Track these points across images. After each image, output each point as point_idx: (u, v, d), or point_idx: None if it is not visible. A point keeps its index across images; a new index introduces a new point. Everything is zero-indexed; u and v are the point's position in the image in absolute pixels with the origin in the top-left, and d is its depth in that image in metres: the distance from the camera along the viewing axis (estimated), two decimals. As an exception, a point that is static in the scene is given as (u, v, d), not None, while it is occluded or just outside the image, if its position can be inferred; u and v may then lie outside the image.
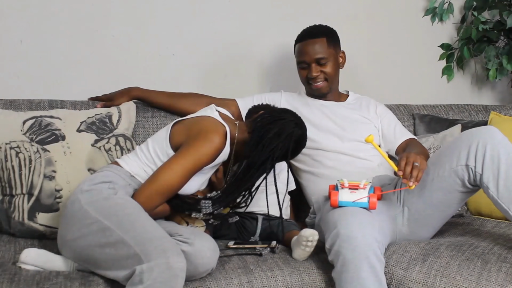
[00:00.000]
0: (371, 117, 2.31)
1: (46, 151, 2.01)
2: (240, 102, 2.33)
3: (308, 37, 2.27)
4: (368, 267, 1.64)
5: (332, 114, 2.28)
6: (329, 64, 2.26)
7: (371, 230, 1.69)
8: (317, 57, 2.24)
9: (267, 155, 1.81)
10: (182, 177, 1.76)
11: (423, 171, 1.78)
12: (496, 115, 2.58)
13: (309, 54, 2.25)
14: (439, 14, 2.99)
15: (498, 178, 1.76)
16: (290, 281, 1.75)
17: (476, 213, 2.38)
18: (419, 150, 2.10)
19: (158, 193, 1.75)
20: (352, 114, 2.31)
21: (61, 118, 2.09)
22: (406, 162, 1.78)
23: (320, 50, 2.25)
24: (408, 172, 1.76)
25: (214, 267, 1.67)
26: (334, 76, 2.30)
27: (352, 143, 2.21)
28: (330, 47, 2.27)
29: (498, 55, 2.91)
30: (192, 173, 1.78)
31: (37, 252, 1.72)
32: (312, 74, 2.25)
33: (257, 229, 2.04)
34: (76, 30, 2.39)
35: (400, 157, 1.83)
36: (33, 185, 1.98)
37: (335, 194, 1.82)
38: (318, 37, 2.26)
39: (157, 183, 1.75)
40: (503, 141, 1.80)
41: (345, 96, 2.40)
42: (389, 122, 2.32)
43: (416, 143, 2.21)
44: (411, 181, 1.76)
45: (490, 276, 1.66)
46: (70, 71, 2.40)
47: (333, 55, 2.28)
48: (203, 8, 2.59)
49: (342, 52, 2.35)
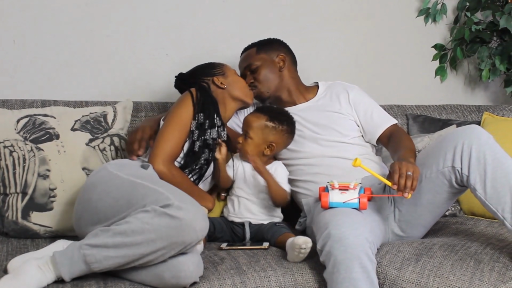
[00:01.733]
0: (343, 110, 2.22)
1: (40, 150, 2.01)
2: None
3: (242, 53, 2.35)
4: (359, 267, 1.64)
5: (303, 120, 2.21)
6: (260, 69, 2.24)
7: (362, 231, 1.69)
8: (245, 65, 2.28)
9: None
10: (173, 135, 1.94)
11: (417, 179, 1.78)
12: (489, 116, 2.59)
13: (240, 65, 2.32)
14: (432, 14, 3.00)
15: (485, 179, 1.75)
16: (283, 281, 1.75)
17: (469, 213, 2.39)
18: (405, 146, 2.02)
19: (163, 160, 1.91)
20: (323, 114, 2.22)
21: (55, 116, 2.08)
22: (400, 174, 1.76)
23: (248, 58, 2.29)
24: (402, 185, 1.75)
25: (202, 244, 1.72)
26: (268, 80, 2.25)
27: (332, 145, 2.15)
28: (260, 53, 2.27)
29: (491, 56, 2.92)
30: (180, 128, 1.96)
31: (22, 259, 1.64)
32: (246, 81, 2.24)
33: (246, 234, 2.04)
34: (70, 30, 2.39)
35: (392, 169, 1.80)
36: (27, 184, 1.98)
37: (326, 196, 1.81)
38: (247, 49, 2.33)
39: (158, 149, 1.91)
40: (488, 141, 1.79)
41: (314, 91, 2.32)
42: (365, 109, 2.21)
43: (400, 136, 2.10)
44: (406, 191, 1.76)
45: (483, 276, 1.66)
46: (63, 71, 2.39)
47: (263, 59, 2.26)
48: (199, 8, 2.59)
49: (280, 55, 2.28)
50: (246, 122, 2.10)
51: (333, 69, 2.83)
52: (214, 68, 2.19)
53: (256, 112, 2.12)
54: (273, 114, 2.09)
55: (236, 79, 2.19)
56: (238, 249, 1.91)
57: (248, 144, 2.07)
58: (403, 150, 1.98)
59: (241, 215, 2.07)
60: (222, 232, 2.06)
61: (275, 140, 2.08)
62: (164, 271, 1.57)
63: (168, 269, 1.57)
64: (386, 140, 2.15)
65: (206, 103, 2.02)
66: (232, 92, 2.16)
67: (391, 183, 1.78)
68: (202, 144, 1.98)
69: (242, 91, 2.18)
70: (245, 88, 2.20)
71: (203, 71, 2.19)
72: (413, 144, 2.05)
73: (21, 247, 1.87)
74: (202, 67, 2.21)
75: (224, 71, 2.18)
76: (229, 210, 2.10)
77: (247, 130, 2.08)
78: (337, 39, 2.86)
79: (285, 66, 2.28)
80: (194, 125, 1.98)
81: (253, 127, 2.07)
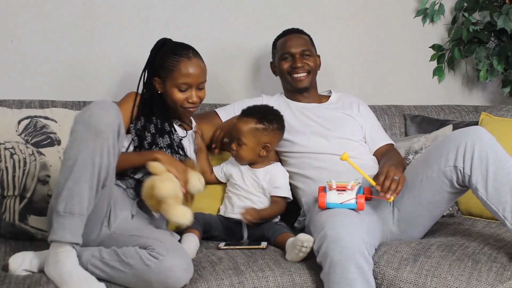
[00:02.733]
0: (354, 115, 2.32)
1: (42, 155, 2.00)
2: (221, 112, 2.33)
3: (293, 32, 2.36)
4: (355, 268, 1.64)
5: (314, 116, 2.29)
6: (312, 59, 2.32)
7: (358, 231, 1.69)
8: (303, 48, 2.31)
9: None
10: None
11: (402, 184, 1.83)
12: (487, 116, 2.59)
13: (295, 45, 2.31)
14: (430, 15, 3.00)
15: (487, 179, 1.76)
16: (281, 281, 1.75)
17: (466, 213, 2.39)
18: (397, 160, 2.11)
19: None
20: (335, 113, 2.31)
21: (57, 120, 2.08)
22: (386, 176, 1.83)
23: (305, 43, 2.33)
24: (386, 186, 1.81)
25: (187, 284, 1.64)
26: (315, 71, 2.34)
27: (339, 141, 2.20)
28: (312, 46, 2.37)
29: (489, 56, 2.92)
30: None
31: (22, 256, 1.69)
32: (297, 64, 2.28)
33: (243, 233, 2.04)
34: (67, 30, 2.39)
35: (380, 171, 1.87)
36: (26, 188, 1.97)
37: (323, 196, 1.82)
38: (303, 33, 2.37)
39: None
40: (491, 141, 1.80)
41: (327, 97, 2.41)
42: (372, 123, 2.34)
43: (394, 152, 2.22)
44: (388, 193, 1.80)
45: (481, 276, 1.66)
46: (61, 71, 2.39)
47: (314, 53, 2.36)
48: (197, 8, 2.59)
49: (318, 56, 2.41)
50: (236, 128, 2.08)
51: (330, 69, 2.83)
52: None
53: (243, 117, 2.09)
54: (261, 115, 2.08)
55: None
56: (236, 249, 1.91)
57: (242, 149, 2.07)
58: (393, 161, 2.06)
59: (238, 212, 2.05)
60: (218, 231, 2.05)
61: (269, 140, 2.08)
62: (151, 278, 1.57)
63: (155, 276, 1.57)
64: (380, 156, 2.23)
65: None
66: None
67: (376, 183, 1.83)
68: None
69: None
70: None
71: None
72: (404, 162, 2.16)
73: (19, 247, 1.86)
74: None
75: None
76: (226, 207, 2.10)
77: (239, 136, 2.07)
78: (335, 40, 2.86)
79: (319, 66, 2.40)
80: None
81: (244, 133, 2.06)
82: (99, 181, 1.60)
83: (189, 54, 2.00)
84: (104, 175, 1.61)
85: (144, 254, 1.58)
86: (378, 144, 2.27)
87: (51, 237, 1.60)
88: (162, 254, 1.57)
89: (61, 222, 1.58)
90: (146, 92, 2.02)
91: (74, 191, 1.57)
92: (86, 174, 1.57)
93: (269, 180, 2.09)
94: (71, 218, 1.58)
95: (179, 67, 1.97)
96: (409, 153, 2.41)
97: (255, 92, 2.67)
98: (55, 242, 1.59)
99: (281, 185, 2.10)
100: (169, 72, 1.98)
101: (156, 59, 2.03)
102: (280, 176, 2.12)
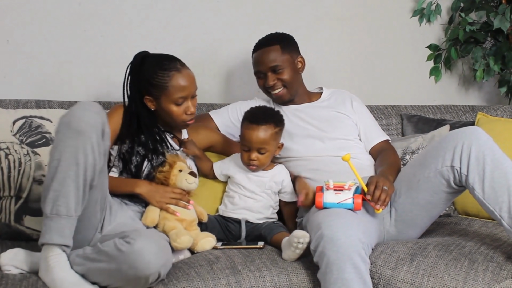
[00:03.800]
0: (348, 112, 2.28)
1: (37, 155, 2.00)
2: (214, 115, 2.31)
3: (262, 46, 2.23)
4: (351, 268, 1.65)
5: (307, 117, 2.24)
6: (286, 71, 2.20)
7: (355, 231, 1.69)
8: (272, 65, 2.19)
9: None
10: None
11: (390, 196, 1.85)
12: (483, 116, 2.59)
13: (264, 63, 2.20)
14: (427, 15, 3.00)
15: (484, 179, 1.77)
16: (278, 281, 1.75)
17: (463, 213, 2.39)
18: (391, 161, 2.10)
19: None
20: (328, 112, 2.27)
21: (52, 120, 2.07)
22: (376, 187, 1.83)
23: (274, 58, 2.19)
24: (377, 196, 1.82)
25: (161, 272, 1.58)
26: (292, 82, 2.22)
27: (335, 142, 2.18)
28: (284, 54, 2.21)
29: (485, 56, 2.93)
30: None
31: (14, 252, 1.69)
32: (269, 83, 2.20)
33: (241, 232, 2.04)
34: (63, 30, 2.38)
35: (370, 181, 1.87)
36: (22, 188, 1.97)
37: (320, 196, 1.83)
38: (271, 45, 2.21)
39: None
40: (488, 141, 1.81)
41: (318, 95, 2.35)
42: (366, 120, 2.30)
43: (389, 152, 2.19)
44: (378, 204, 1.81)
45: (477, 275, 1.67)
46: (57, 72, 2.39)
47: (288, 61, 2.21)
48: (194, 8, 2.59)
49: (300, 57, 2.28)
50: (257, 139, 2.00)
51: (327, 69, 2.83)
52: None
53: (259, 125, 2.01)
54: (274, 118, 2.07)
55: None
56: (233, 248, 1.91)
57: (265, 156, 2.04)
58: (386, 166, 2.06)
59: (239, 212, 2.05)
60: (215, 231, 2.05)
61: (280, 138, 2.11)
62: (122, 262, 1.54)
63: (125, 260, 1.53)
64: (376, 154, 2.21)
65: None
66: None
67: (367, 192, 1.84)
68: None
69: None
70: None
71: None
72: (399, 161, 2.16)
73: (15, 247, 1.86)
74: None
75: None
76: (226, 206, 2.09)
77: (261, 146, 2.01)
78: (331, 39, 2.86)
79: (302, 68, 2.30)
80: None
81: (267, 140, 2.02)
82: (86, 181, 1.58)
83: (177, 66, 1.94)
84: (91, 174, 1.59)
85: (118, 241, 1.56)
86: (373, 142, 2.25)
87: (40, 239, 1.59)
88: (134, 238, 1.54)
89: (49, 224, 1.57)
90: (136, 111, 1.96)
91: (60, 192, 1.56)
92: (70, 174, 1.56)
93: (277, 182, 2.09)
94: (58, 219, 1.57)
95: (172, 83, 1.91)
96: (406, 153, 2.40)
97: (253, 93, 2.67)
98: (46, 245, 1.59)
99: (288, 185, 2.11)
100: (162, 89, 1.91)
101: (140, 76, 1.94)
102: (287, 178, 2.12)
